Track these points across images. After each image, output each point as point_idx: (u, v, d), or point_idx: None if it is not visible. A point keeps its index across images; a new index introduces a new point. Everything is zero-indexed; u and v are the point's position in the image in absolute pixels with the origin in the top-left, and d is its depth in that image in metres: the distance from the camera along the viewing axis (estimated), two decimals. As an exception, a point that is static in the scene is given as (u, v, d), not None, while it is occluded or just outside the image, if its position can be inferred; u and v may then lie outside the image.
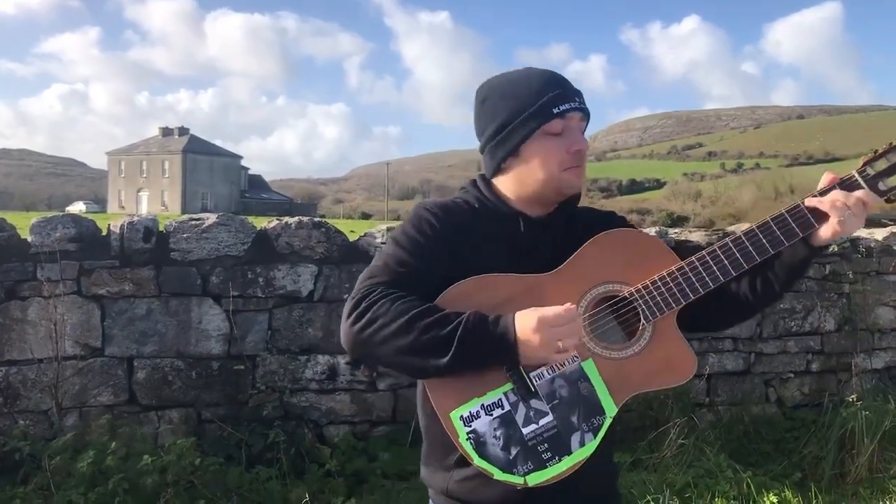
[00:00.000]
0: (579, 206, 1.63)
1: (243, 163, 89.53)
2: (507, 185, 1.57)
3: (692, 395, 4.65)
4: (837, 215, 1.42)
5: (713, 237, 4.73)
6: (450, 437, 1.39)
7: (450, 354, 1.33)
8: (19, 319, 3.87)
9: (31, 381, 3.87)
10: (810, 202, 1.46)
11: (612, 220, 1.65)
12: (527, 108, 1.50)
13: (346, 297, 4.18)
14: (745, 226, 5.18)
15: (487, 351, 1.35)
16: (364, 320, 1.35)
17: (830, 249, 4.92)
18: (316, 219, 4.37)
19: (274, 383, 4.08)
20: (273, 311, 4.15)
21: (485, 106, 1.58)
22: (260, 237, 4.17)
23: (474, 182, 1.62)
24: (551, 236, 1.56)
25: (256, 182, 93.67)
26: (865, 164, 1.46)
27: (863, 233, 5.15)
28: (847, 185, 1.45)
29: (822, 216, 1.44)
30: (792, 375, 4.94)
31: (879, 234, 5.22)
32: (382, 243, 4.27)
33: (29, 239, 3.87)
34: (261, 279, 4.12)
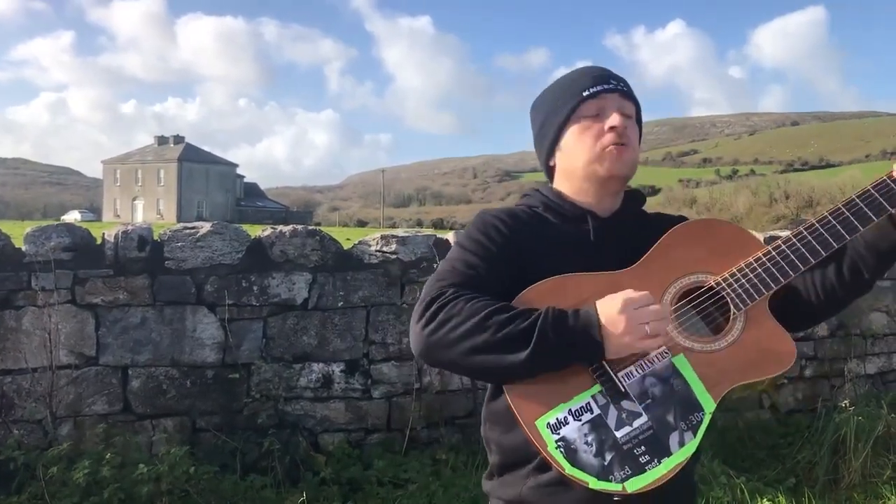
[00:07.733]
0: (650, 211, 1.58)
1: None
2: (563, 183, 1.53)
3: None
4: None
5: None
6: (531, 447, 1.29)
7: (529, 349, 1.24)
8: (13, 328, 3.87)
9: (25, 391, 3.87)
10: None
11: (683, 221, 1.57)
12: (560, 98, 1.49)
13: (340, 304, 4.20)
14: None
15: (569, 342, 1.25)
16: (436, 321, 1.29)
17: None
18: (310, 227, 4.39)
19: (268, 391, 4.08)
20: (267, 320, 4.15)
21: (532, 113, 1.59)
22: (254, 245, 4.18)
23: (536, 189, 1.57)
24: (621, 234, 1.47)
25: (252, 190, 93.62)
26: None
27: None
28: None
29: None
30: (785, 381, 4.96)
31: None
32: (377, 251, 4.28)
33: (23, 248, 3.88)
34: (255, 287, 4.12)
